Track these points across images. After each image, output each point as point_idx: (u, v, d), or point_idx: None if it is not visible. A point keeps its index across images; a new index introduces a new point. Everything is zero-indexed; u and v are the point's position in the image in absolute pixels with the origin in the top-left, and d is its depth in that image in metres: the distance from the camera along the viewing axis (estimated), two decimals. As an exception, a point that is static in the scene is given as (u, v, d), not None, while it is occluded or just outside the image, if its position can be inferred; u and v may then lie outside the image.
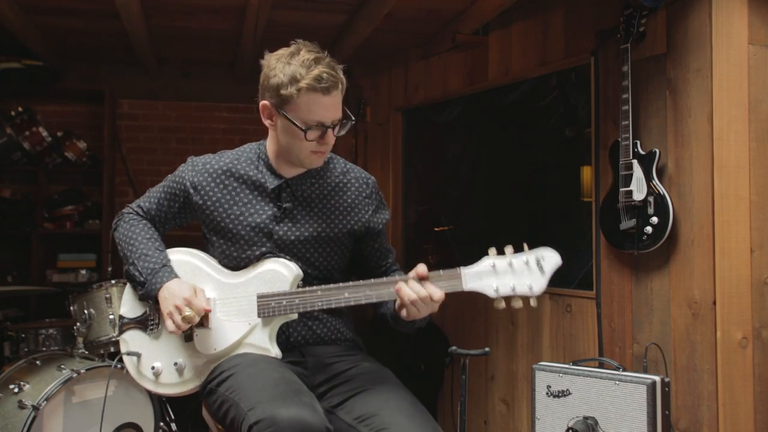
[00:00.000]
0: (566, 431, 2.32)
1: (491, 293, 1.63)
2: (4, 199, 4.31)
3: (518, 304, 1.63)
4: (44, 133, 4.27)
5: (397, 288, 1.65)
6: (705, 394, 2.47)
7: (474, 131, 4.02)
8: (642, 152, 2.62)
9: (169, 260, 1.87)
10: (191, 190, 1.86)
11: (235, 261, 1.85)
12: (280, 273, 1.79)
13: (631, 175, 2.61)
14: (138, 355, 1.86)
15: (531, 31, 3.29)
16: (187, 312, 1.71)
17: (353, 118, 1.82)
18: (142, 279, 1.83)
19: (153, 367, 1.83)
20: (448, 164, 4.25)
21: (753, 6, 2.49)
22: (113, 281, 3.26)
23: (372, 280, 1.71)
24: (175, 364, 1.82)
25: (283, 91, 1.71)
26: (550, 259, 1.62)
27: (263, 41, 3.91)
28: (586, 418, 2.31)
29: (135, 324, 1.89)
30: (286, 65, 1.72)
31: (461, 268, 1.65)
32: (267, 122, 1.83)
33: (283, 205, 1.84)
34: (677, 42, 2.59)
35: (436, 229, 4.22)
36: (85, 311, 3.15)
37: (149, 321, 1.88)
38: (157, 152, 4.72)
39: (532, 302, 1.63)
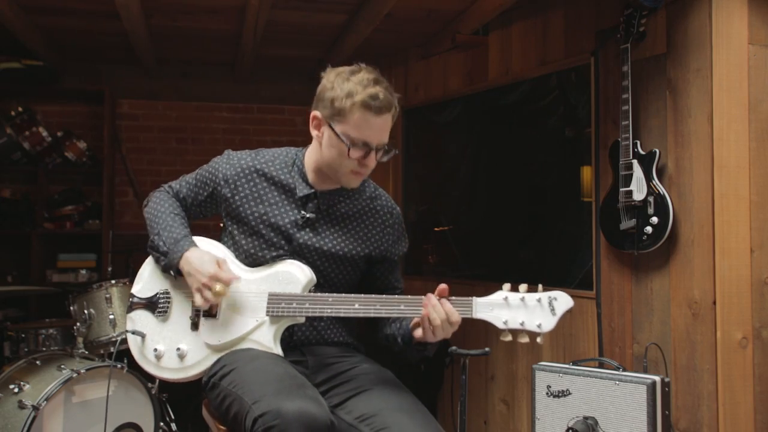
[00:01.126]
0: (566, 431, 2.32)
1: (500, 325, 1.65)
2: (4, 199, 4.31)
3: (524, 339, 1.65)
4: (44, 133, 4.27)
5: (424, 313, 1.66)
6: (705, 394, 2.47)
7: (474, 131, 4.02)
8: (642, 152, 2.62)
9: (190, 233, 1.90)
10: (222, 182, 1.89)
11: (252, 259, 1.86)
12: (294, 275, 1.80)
13: (631, 175, 2.61)
14: (142, 336, 1.88)
15: (531, 31, 3.29)
16: (218, 287, 1.73)
17: (397, 150, 1.83)
18: (165, 249, 1.85)
19: (155, 350, 1.85)
20: (448, 164, 4.24)
21: (753, 6, 2.49)
22: (113, 281, 3.26)
23: (384, 296, 1.73)
24: (178, 349, 1.83)
25: (337, 104, 1.72)
26: (563, 301, 1.65)
27: (263, 41, 3.92)
28: (586, 418, 2.31)
29: (144, 304, 1.90)
30: (345, 81, 1.73)
31: (474, 297, 1.67)
32: (314, 132, 1.84)
33: (307, 215, 1.85)
34: (677, 42, 2.59)
35: (436, 229, 4.22)
36: (85, 311, 3.16)
37: (159, 303, 1.89)
38: (157, 152, 4.72)
39: (539, 340, 1.65)
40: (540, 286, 1.68)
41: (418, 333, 1.71)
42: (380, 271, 1.97)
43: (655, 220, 2.55)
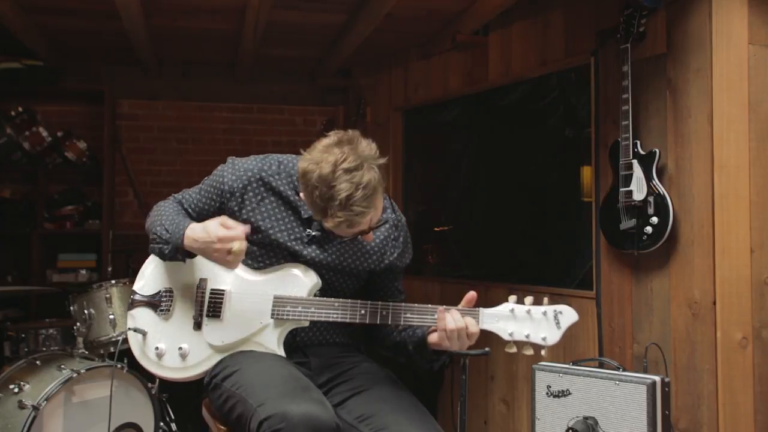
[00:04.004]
0: (566, 431, 2.32)
1: (505, 336, 1.67)
2: (4, 199, 4.32)
3: (529, 351, 1.66)
4: (44, 133, 4.27)
5: (440, 311, 1.66)
6: (705, 394, 2.47)
7: (474, 131, 4.02)
8: (642, 152, 2.62)
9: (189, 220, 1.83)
10: (228, 194, 1.84)
11: (258, 264, 1.86)
12: (299, 278, 1.80)
13: (631, 175, 2.61)
14: (143, 333, 1.86)
15: (531, 31, 3.29)
16: (235, 246, 1.67)
17: (388, 220, 1.81)
18: (168, 235, 1.77)
19: (157, 348, 1.84)
20: (448, 164, 4.25)
21: (753, 6, 2.49)
22: (113, 281, 3.26)
23: (390, 303, 1.73)
24: (180, 348, 1.82)
25: (318, 216, 1.64)
26: (568, 315, 1.65)
27: (263, 41, 3.92)
28: (586, 418, 2.31)
29: (146, 302, 1.89)
30: (316, 190, 1.59)
31: (481, 308, 1.68)
32: None
33: (312, 233, 1.83)
34: (677, 42, 2.59)
35: (436, 229, 4.22)
36: (85, 311, 3.16)
37: (161, 302, 1.88)
38: (157, 152, 4.72)
39: (543, 353, 1.66)
40: (546, 299, 1.68)
41: (434, 338, 1.71)
42: (383, 279, 1.95)
43: (655, 220, 2.55)
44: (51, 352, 3.10)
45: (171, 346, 1.84)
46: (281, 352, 1.77)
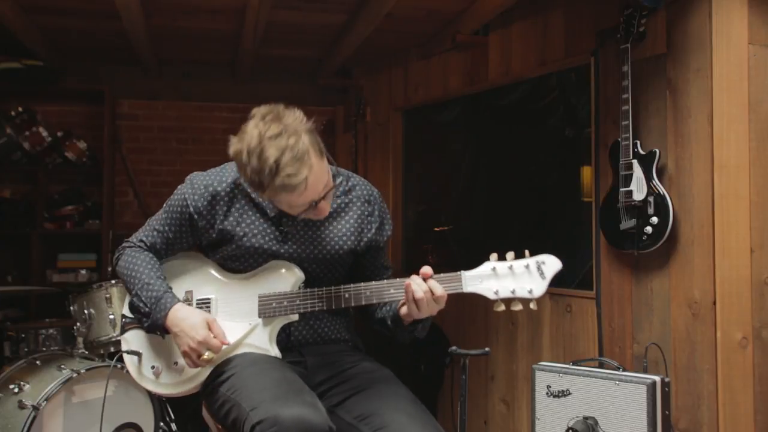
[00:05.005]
0: (566, 431, 2.32)
1: (491, 296, 1.65)
2: (4, 199, 4.32)
3: (518, 307, 1.65)
4: (44, 133, 4.28)
5: (407, 283, 1.65)
6: (705, 394, 2.47)
7: (474, 131, 4.02)
8: (642, 152, 2.62)
9: (170, 287, 1.83)
10: (195, 215, 1.82)
11: (239, 271, 1.86)
12: (282, 274, 1.80)
13: (631, 175, 2.61)
14: (138, 355, 1.87)
15: (531, 31, 3.29)
16: (206, 356, 1.71)
17: (334, 183, 1.74)
18: (147, 309, 1.78)
19: (153, 367, 1.84)
20: (448, 164, 4.25)
21: (753, 6, 2.49)
22: (113, 281, 3.26)
23: (372, 283, 1.73)
24: (176, 363, 1.82)
25: (257, 197, 1.77)
26: (551, 264, 1.65)
27: (263, 41, 3.92)
28: (586, 418, 2.31)
29: (136, 324, 1.89)
30: (247, 165, 1.60)
31: (462, 271, 1.66)
32: None
33: (285, 230, 1.83)
34: (677, 42, 2.59)
35: (436, 229, 4.22)
36: (85, 311, 3.15)
37: None
38: (157, 152, 4.72)
39: (532, 305, 1.65)
40: (527, 252, 1.67)
41: (404, 310, 1.71)
42: (368, 259, 1.95)
43: (655, 220, 2.55)
44: (51, 352, 3.10)
45: (167, 363, 1.84)
46: (275, 351, 1.77)
